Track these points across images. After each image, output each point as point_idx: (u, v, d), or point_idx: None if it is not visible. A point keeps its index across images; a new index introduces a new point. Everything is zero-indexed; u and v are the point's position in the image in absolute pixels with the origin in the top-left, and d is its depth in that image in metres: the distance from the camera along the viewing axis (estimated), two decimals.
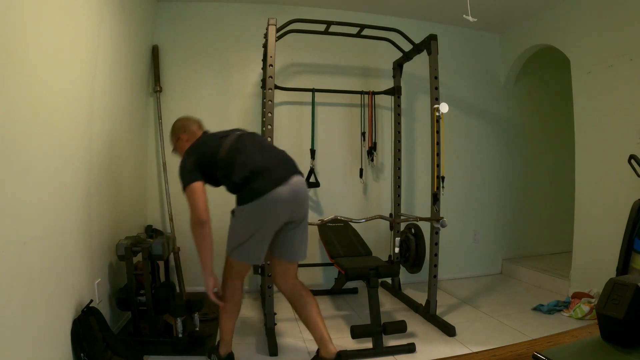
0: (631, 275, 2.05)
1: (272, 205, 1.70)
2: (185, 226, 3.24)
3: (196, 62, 3.23)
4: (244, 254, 1.83)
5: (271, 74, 2.33)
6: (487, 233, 3.84)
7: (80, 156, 1.92)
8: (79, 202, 1.91)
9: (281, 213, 1.75)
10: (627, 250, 2.28)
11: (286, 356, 2.15)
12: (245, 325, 2.56)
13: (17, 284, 1.37)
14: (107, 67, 2.25)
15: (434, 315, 2.57)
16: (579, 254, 3.03)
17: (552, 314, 2.72)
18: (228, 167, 1.78)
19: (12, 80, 1.34)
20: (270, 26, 2.37)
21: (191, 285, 3.06)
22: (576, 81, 3.06)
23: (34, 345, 1.47)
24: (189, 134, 2.00)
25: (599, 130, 2.87)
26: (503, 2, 3.22)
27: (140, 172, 2.97)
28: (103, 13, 2.14)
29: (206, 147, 1.85)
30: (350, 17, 2.97)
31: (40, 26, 1.51)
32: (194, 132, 2.01)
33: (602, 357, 0.68)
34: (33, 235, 1.48)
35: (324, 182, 3.25)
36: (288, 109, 3.34)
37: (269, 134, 2.35)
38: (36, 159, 1.51)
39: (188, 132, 2.01)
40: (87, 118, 2.00)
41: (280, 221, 1.78)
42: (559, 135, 3.97)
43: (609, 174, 2.77)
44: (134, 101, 2.76)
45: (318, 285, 3.31)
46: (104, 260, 2.22)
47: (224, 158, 1.80)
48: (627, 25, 2.62)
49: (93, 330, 1.78)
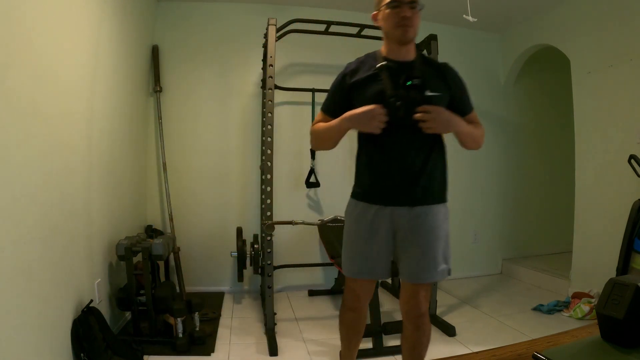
0: (631, 275, 2.05)
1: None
2: (186, 226, 3.27)
3: (196, 62, 3.22)
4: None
5: (271, 74, 2.33)
6: (486, 233, 3.84)
7: (80, 156, 1.92)
8: (79, 202, 1.91)
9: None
10: (627, 250, 2.29)
11: (286, 356, 2.15)
12: (245, 325, 2.56)
13: (18, 284, 1.37)
14: (107, 67, 2.25)
15: (434, 315, 2.57)
16: (579, 254, 3.03)
17: (552, 314, 2.72)
18: None
19: (12, 80, 1.34)
20: (270, 26, 2.37)
21: (191, 285, 3.06)
22: (576, 81, 3.06)
23: (34, 345, 1.47)
24: None
25: (599, 130, 2.87)
26: (503, 2, 3.22)
27: (140, 172, 2.97)
28: (103, 13, 2.14)
29: None
30: (350, 17, 2.96)
31: (40, 26, 1.51)
32: None
33: (602, 357, 0.68)
34: (33, 236, 1.48)
35: (324, 182, 3.25)
36: (288, 109, 3.34)
37: (269, 134, 2.34)
38: (36, 159, 1.51)
39: None
40: (87, 118, 1.99)
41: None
42: (559, 135, 3.96)
43: (609, 174, 2.77)
44: (134, 101, 2.76)
45: (318, 285, 3.31)
46: (104, 260, 2.22)
47: None
48: (627, 25, 2.62)
49: (93, 330, 1.78)
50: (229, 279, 3.24)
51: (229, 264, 3.20)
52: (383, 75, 1.35)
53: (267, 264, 2.33)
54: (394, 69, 1.35)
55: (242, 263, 2.77)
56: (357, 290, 1.53)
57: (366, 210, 1.44)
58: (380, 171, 1.41)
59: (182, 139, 3.19)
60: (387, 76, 1.34)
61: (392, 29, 1.34)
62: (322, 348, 2.24)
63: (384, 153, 1.39)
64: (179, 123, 3.19)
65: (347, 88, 1.41)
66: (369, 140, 1.42)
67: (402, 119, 1.30)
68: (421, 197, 1.40)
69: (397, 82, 1.32)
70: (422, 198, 1.40)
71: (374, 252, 1.44)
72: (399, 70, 1.35)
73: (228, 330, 2.46)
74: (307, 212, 3.34)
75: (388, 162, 1.39)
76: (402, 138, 1.36)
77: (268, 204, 2.37)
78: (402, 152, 1.37)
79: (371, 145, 1.42)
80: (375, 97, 1.33)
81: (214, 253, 3.20)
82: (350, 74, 1.42)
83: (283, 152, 3.25)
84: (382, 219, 1.41)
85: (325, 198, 3.38)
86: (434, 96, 1.33)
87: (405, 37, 1.34)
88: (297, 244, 3.31)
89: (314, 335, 2.41)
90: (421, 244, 1.40)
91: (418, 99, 1.30)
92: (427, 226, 1.40)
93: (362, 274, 1.48)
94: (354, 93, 1.40)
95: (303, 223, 2.45)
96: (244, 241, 2.82)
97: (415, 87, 1.30)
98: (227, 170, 3.28)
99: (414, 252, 1.41)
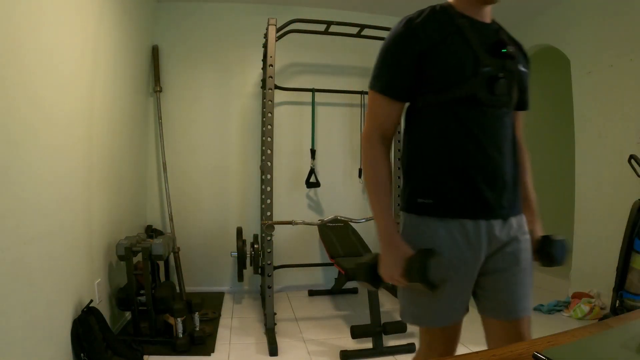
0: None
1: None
2: (186, 226, 3.27)
3: (196, 62, 3.23)
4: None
5: (271, 74, 2.33)
6: None
7: (80, 156, 1.92)
8: (79, 202, 1.91)
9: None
10: (627, 250, 2.29)
11: (286, 356, 2.15)
12: (245, 325, 2.56)
13: (18, 284, 1.37)
14: (107, 67, 2.25)
15: None
16: (579, 254, 3.02)
17: (552, 314, 2.72)
18: None
19: (12, 80, 1.34)
20: (270, 26, 2.37)
21: (191, 285, 3.06)
22: (576, 81, 3.06)
23: (34, 345, 1.47)
24: None
25: (599, 130, 2.87)
26: (503, 2, 3.20)
27: (140, 172, 2.97)
28: (103, 13, 2.14)
29: None
30: (350, 17, 2.97)
31: (40, 26, 1.51)
32: None
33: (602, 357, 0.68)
34: (33, 236, 1.48)
35: (324, 182, 3.25)
36: (288, 109, 3.34)
37: (269, 134, 2.34)
38: (36, 160, 1.51)
39: None
40: (87, 118, 1.99)
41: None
42: (559, 135, 3.96)
43: (609, 174, 2.77)
44: (134, 101, 2.76)
45: (318, 285, 3.31)
46: (104, 260, 2.22)
47: None
48: (627, 25, 2.62)
49: (93, 330, 1.78)
50: (229, 279, 3.24)
51: (229, 264, 3.20)
52: (470, 35, 0.96)
53: (267, 264, 2.33)
54: (480, 30, 0.99)
55: (242, 263, 2.77)
56: (449, 343, 1.08)
57: (452, 230, 0.97)
58: (470, 170, 0.97)
59: (182, 139, 3.19)
60: (475, 38, 0.96)
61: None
62: (322, 348, 2.24)
63: (475, 144, 0.97)
64: (179, 123, 3.19)
65: (418, 52, 0.97)
66: (445, 127, 0.98)
67: (498, 97, 0.96)
68: (514, 205, 1.03)
69: (488, 48, 0.97)
70: (515, 206, 1.03)
71: (464, 285, 1.02)
72: (487, 32, 1.00)
73: (228, 330, 2.46)
74: (307, 212, 3.34)
75: (483, 156, 0.97)
76: (495, 123, 0.98)
77: (268, 204, 2.37)
78: (496, 143, 0.98)
79: (452, 134, 0.97)
80: (462, 65, 0.95)
81: (214, 253, 3.20)
82: (419, 31, 0.97)
83: (283, 152, 3.25)
84: (475, 236, 0.98)
85: (325, 198, 3.38)
86: (525, 72, 1.04)
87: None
88: (297, 244, 3.31)
89: (314, 335, 2.41)
90: (521, 268, 1.03)
91: (516, 72, 1.00)
92: (523, 243, 1.04)
93: (456, 315, 1.05)
94: (429, 59, 0.96)
95: (303, 223, 2.44)
96: (244, 241, 2.82)
97: (511, 57, 0.99)
98: (227, 170, 3.28)
99: (511, 279, 1.02)
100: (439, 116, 0.98)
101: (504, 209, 0.99)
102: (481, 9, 1.01)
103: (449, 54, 0.96)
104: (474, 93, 0.95)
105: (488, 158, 0.97)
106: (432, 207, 0.99)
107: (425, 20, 0.98)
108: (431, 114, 1.00)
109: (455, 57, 0.96)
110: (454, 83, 0.96)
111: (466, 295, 1.03)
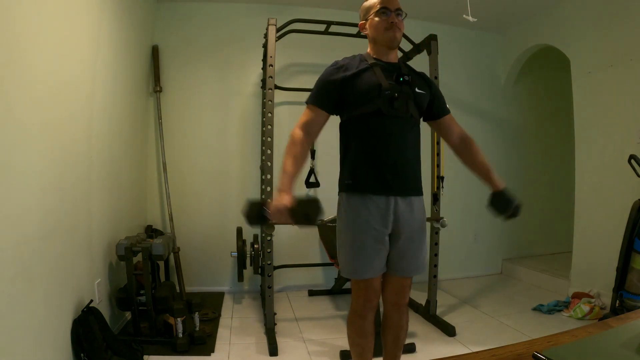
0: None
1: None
2: (186, 226, 3.27)
3: (196, 62, 3.22)
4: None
5: (271, 74, 2.33)
6: (487, 233, 3.83)
7: (80, 156, 1.92)
8: (79, 202, 1.91)
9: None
10: (627, 250, 2.29)
11: (286, 356, 2.15)
12: (245, 325, 2.56)
13: (18, 284, 1.37)
14: (107, 67, 2.25)
15: (434, 315, 2.57)
16: (579, 254, 3.03)
17: (552, 314, 2.72)
18: None
19: (12, 80, 1.34)
20: (270, 26, 2.37)
21: (191, 285, 3.06)
22: (576, 81, 3.06)
23: (34, 345, 1.47)
24: None
25: (599, 130, 2.87)
26: (503, 2, 3.22)
27: (140, 172, 2.97)
28: (103, 13, 2.14)
29: None
30: (350, 17, 2.96)
31: (40, 26, 1.51)
32: None
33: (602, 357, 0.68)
34: (33, 236, 1.48)
35: (324, 182, 3.25)
36: (288, 109, 3.34)
37: (269, 134, 2.34)
38: (36, 159, 1.51)
39: None
40: (87, 118, 2.00)
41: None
42: (559, 135, 3.96)
43: (609, 174, 2.77)
44: (134, 101, 2.76)
45: (318, 285, 3.31)
46: (104, 260, 2.22)
47: None
48: (627, 25, 2.62)
49: (93, 330, 1.78)
50: (229, 279, 3.24)
51: (229, 264, 3.20)
52: (376, 70, 1.41)
53: (267, 264, 2.33)
54: (385, 67, 1.44)
55: (242, 263, 2.77)
56: (370, 293, 1.47)
57: (367, 202, 1.40)
58: (377, 161, 1.40)
59: (182, 139, 3.19)
60: (380, 72, 1.41)
61: (382, 33, 1.42)
62: (322, 348, 2.24)
63: (380, 143, 1.40)
64: (179, 123, 3.19)
65: (339, 81, 1.41)
66: (361, 132, 1.42)
67: (396, 110, 1.38)
68: (412, 187, 1.45)
69: (390, 78, 1.40)
70: (413, 188, 1.45)
71: (378, 246, 1.41)
72: (390, 68, 1.44)
73: (228, 330, 2.46)
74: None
75: (386, 152, 1.40)
76: (395, 129, 1.41)
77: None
78: (396, 143, 1.41)
79: (365, 137, 1.42)
80: (371, 88, 1.38)
81: (214, 253, 3.20)
82: (341, 68, 1.44)
83: (283, 152, 3.24)
84: (384, 209, 1.39)
85: (325, 198, 3.35)
86: (421, 93, 1.45)
87: (394, 40, 1.42)
88: (297, 244, 3.31)
89: (314, 335, 2.41)
90: (415, 238, 1.45)
91: (410, 93, 1.41)
92: (419, 219, 1.46)
93: (373, 271, 1.44)
94: (347, 85, 1.41)
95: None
96: (244, 241, 2.82)
97: (407, 83, 1.41)
98: (227, 170, 3.28)
99: (407, 246, 1.44)
100: (357, 125, 1.43)
101: (404, 189, 1.42)
102: (388, 53, 1.46)
103: (361, 83, 1.39)
104: (379, 108, 1.37)
105: (389, 153, 1.40)
106: (352, 186, 1.43)
107: (347, 61, 1.46)
108: (352, 123, 1.45)
109: (366, 84, 1.39)
110: (366, 102, 1.39)
111: (381, 256, 1.43)
